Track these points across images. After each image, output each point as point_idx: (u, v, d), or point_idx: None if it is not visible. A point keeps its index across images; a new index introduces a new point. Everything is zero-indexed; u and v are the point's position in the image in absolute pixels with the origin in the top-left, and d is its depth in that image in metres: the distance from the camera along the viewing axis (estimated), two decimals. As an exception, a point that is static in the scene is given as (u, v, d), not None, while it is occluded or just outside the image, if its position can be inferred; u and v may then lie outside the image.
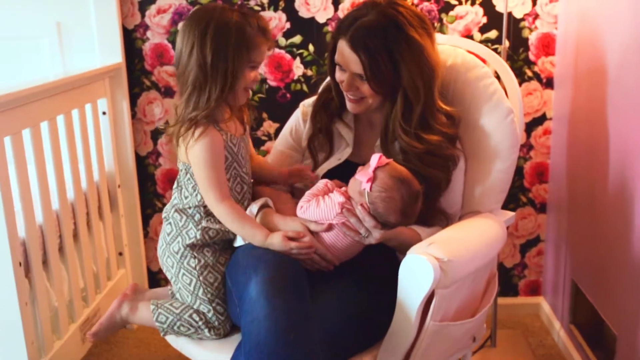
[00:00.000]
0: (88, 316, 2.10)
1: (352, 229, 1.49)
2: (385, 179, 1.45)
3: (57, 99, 1.95)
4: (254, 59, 1.50)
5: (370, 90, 1.56)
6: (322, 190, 1.57)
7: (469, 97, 1.72)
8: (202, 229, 1.54)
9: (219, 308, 1.54)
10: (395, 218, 1.46)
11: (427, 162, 1.58)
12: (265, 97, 2.40)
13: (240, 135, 1.57)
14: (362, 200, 1.48)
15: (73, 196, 2.05)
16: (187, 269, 1.55)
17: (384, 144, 1.63)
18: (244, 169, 1.59)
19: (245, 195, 1.60)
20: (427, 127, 1.59)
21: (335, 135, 1.73)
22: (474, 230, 1.59)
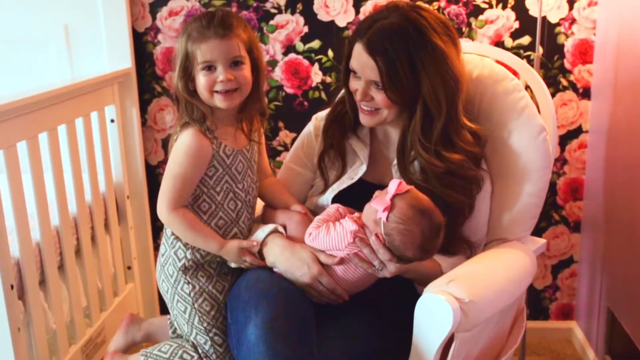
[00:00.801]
0: (91, 336, 2.00)
1: (364, 260, 1.36)
2: (404, 209, 1.31)
3: (60, 107, 1.85)
4: (200, 57, 1.36)
5: (386, 100, 1.43)
6: (333, 216, 1.43)
7: (496, 112, 1.57)
8: (192, 248, 1.43)
9: (216, 339, 1.43)
10: (413, 253, 1.32)
11: (448, 183, 1.44)
12: (281, 105, 2.28)
13: (240, 148, 1.45)
14: (377, 229, 1.34)
15: (76, 210, 1.94)
16: (181, 296, 1.45)
17: (402, 160, 1.49)
18: (240, 184, 1.46)
19: (242, 214, 1.47)
20: (449, 144, 1.45)
21: (349, 151, 1.60)
22: (500, 264, 1.43)
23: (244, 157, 1.46)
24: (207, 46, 1.36)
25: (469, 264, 1.40)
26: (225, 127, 1.44)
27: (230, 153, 1.43)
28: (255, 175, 1.52)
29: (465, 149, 1.45)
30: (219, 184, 1.43)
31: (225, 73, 1.36)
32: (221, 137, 1.42)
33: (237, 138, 1.46)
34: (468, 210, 1.49)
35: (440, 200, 1.40)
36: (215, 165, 1.42)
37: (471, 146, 1.47)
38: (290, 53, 2.23)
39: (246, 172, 1.47)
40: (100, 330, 2.07)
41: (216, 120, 1.43)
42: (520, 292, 1.45)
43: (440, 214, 1.33)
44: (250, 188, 1.49)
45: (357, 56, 1.43)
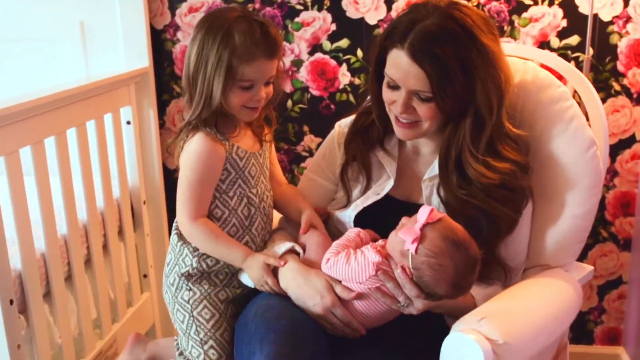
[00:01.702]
0: (101, 349, 1.90)
1: (388, 295, 1.22)
2: (436, 241, 1.17)
3: (70, 109, 1.75)
4: (243, 75, 1.28)
5: (432, 111, 1.28)
6: (354, 242, 1.29)
7: (540, 123, 1.40)
8: (199, 256, 1.36)
9: (211, 353, 1.31)
10: (444, 290, 1.17)
11: (497, 196, 1.30)
12: (306, 108, 2.15)
13: (254, 151, 1.38)
14: (404, 262, 1.20)
15: (86, 217, 1.84)
16: (180, 304, 1.38)
17: (444, 173, 1.34)
18: (255, 189, 1.38)
19: (255, 221, 1.38)
20: (495, 153, 1.31)
21: (374, 164, 1.45)
22: (540, 297, 1.27)
23: (257, 160, 1.39)
24: (255, 67, 1.29)
25: (504, 298, 1.24)
26: (237, 130, 1.37)
27: (243, 155, 1.36)
28: (268, 182, 1.44)
29: (510, 157, 1.31)
30: (232, 188, 1.35)
31: (261, 92, 1.32)
32: (233, 139, 1.35)
33: (250, 141, 1.40)
34: (511, 225, 1.34)
35: (484, 215, 1.28)
36: (228, 168, 1.34)
37: (517, 154, 1.33)
38: (316, 52, 2.09)
39: (259, 176, 1.40)
40: (112, 343, 1.97)
41: (228, 122, 1.36)
42: (562, 330, 1.29)
43: (476, 247, 1.18)
44: (265, 194, 1.41)
45: (396, 64, 1.28)
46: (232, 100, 1.30)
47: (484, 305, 1.20)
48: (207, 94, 1.28)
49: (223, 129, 1.35)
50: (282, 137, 2.16)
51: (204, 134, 1.31)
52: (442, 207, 1.35)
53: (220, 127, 1.35)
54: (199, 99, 1.29)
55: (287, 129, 2.15)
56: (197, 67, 1.29)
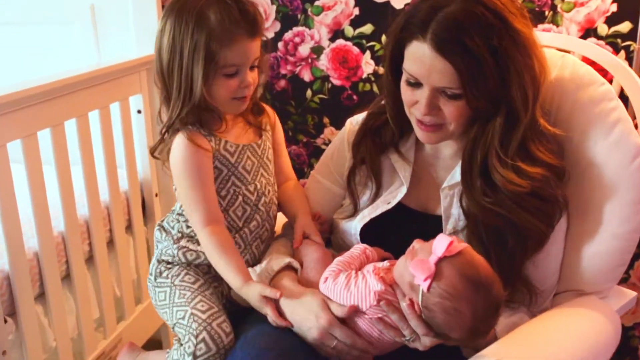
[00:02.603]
0: (104, 350, 1.81)
1: (392, 327, 1.07)
2: (453, 280, 1.00)
3: (74, 98, 1.64)
4: (226, 60, 1.14)
5: (460, 111, 1.12)
6: (358, 260, 1.14)
7: (578, 127, 1.23)
8: (180, 248, 1.27)
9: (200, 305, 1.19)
10: (458, 335, 1.02)
11: (527, 205, 1.14)
12: (327, 99, 2.00)
13: (249, 142, 1.26)
14: (412, 295, 1.04)
15: (88, 212, 1.74)
16: (160, 285, 1.27)
17: (467, 179, 1.18)
18: (252, 185, 1.25)
19: (251, 220, 1.26)
20: (527, 155, 1.15)
21: (386, 169, 1.30)
22: (569, 336, 1.11)
23: (254, 153, 1.27)
24: (238, 48, 1.15)
25: (526, 333, 1.08)
26: (223, 123, 1.23)
27: (234, 150, 1.24)
28: (271, 175, 1.31)
29: (545, 161, 1.15)
30: (224, 187, 1.24)
31: (248, 77, 1.19)
32: (220, 133, 1.23)
33: (242, 132, 1.28)
34: (542, 240, 1.18)
35: (511, 226, 1.13)
36: (218, 166, 1.23)
37: (552, 157, 1.16)
38: (338, 39, 1.94)
39: (258, 170, 1.27)
40: (117, 343, 1.88)
41: (213, 117, 1.23)
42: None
43: (500, 286, 1.02)
44: (266, 189, 1.28)
45: (417, 58, 1.11)
46: (217, 92, 1.17)
47: (504, 341, 1.05)
48: (186, 88, 1.15)
49: (208, 124, 1.22)
50: (300, 129, 2.03)
51: (183, 135, 1.19)
52: (462, 218, 1.19)
53: (205, 123, 1.22)
54: (177, 95, 1.16)
55: (306, 121, 2.02)
56: (171, 59, 1.15)
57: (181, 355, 1.17)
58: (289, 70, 1.99)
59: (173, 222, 1.30)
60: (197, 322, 1.16)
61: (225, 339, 1.15)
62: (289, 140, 2.02)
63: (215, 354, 1.15)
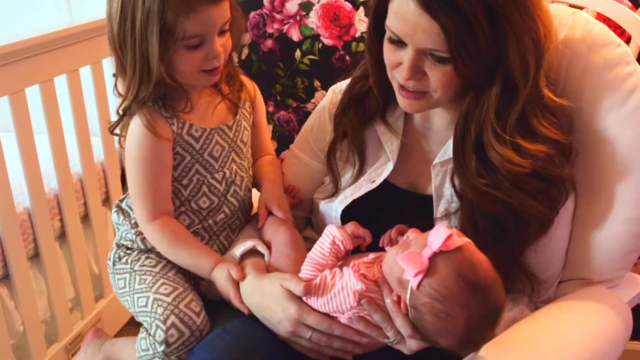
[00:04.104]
0: (81, 330, 1.72)
1: (374, 326, 0.95)
2: (447, 280, 0.86)
3: (41, 61, 1.52)
4: (185, 32, 0.99)
5: (447, 78, 0.98)
6: (330, 257, 1.00)
7: (589, 94, 1.07)
8: (138, 234, 1.15)
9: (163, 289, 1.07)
10: (447, 343, 0.89)
11: (528, 188, 1.00)
12: (317, 60, 1.85)
13: (218, 125, 1.12)
14: (400, 291, 0.92)
15: (57, 186, 1.63)
16: (119, 271, 1.15)
17: (459, 158, 1.04)
18: (220, 173, 1.13)
19: (218, 212, 1.14)
20: (528, 130, 1.00)
21: (371, 142, 1.16)
22: (574, 339, 0.97)
23: (224, 136, 1.13)
24: (199, 17, 0.99)
25: (526, 336, 0.95)
26: (188, 103, 1.08)
27: (199, 134, 1.10)
28: (245, 159, 1.17)
29: (549, 136, 1.00)
30: (186, 176, 1.11)
31: (216, 46, 1.03)
32: (185, 115, 1.09)
33: (213, 113, 1.13)
34: (545, 225, 1.05)
35: (510, 211, 1.00)
36: (180, 152, 1.09)
37: (558, 132, 1.02)
38: (328, -6, 1.77)
39: (228, 156, 1.14)
40: (96, 322, 1.79)
41: (179, 94, 1.08)
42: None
43: (501, 290, 0.88)
44: (236, 176, 1.15)
45: (401, 14, 0.96)
46: (181, 66, 1.03)
47: (500, 342, 0.93)
48: (142, 64, 1.00)
49: (172, 101, 1.08)
50: (290, 94, 1.89)
51: (141, 117, 1.05)
52: (455, 199, 1.06)
53: (169, 100, 1.08)
54: (132, 72, 1.02)
55: (296, 84, 1.87)
56: (122, 30, 1.00)
57: (151, 345, 1.05)
58: (275, 29, 1.84)
59: (130, 204, 1.17)
60: (162, 307, 1.04)
61: (197, 319, 1.04)
62: (277, 105, 1.89)
63: (189, 337, 1.03)
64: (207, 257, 1.08)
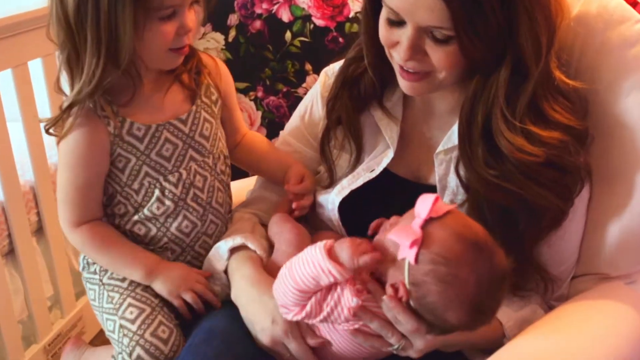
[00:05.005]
0: (61, 331, 1.65)
1: (373, 336, 0.89)
2: (448, 241, 0.82)
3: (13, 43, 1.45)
4: (162, 1, 0.92)
5: (452, 58, 0.91)
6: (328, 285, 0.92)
7: (606, 75, 1.01)
8: None
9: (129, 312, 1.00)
10: (457, 316, 0.82)
11: (541, 178, 0.94)
12: (309, 42, 1.82)
13: (167, 120, 1.02)
14: (397, 277, 0.85)
15: (33, 177, 1.54)
16: (90, 280, 1.08)
17: (465, 146, 0.97)
18: (175, 175, 1.02)
19: (175, 218, 1.04)
20: (540, 116, 0.94)
21: (368, 128, 1.09)
22: (592, 336, 0.90)
23: (176, 132, 1.02)
24: None
25: (542, 335, 0.89)
26: (131, 95, 0.99)
27: (143, 133, 1.00)
28: (211, 157, 1.07)
29: (562, 122, 0.94)
30: (135, 179, 1.02)
31: (188, 20, 0.97)
32: (126, 110, 0.99)
33: (163, 104, 1.02)
34: (558, 218, 0.98)
35: (522, 204, 0.95)
36: (123, 154, 1.00)
37: (572, 117, 0.95)
38: (319, -29, 1.75)
39: (184, 154, 1.03)
40: (76, 321, 1.73)
41: (124, 85, 0.98)
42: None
43: (504, 254, 0.83)
44: (197, 179, 1.05)
45: None
46: (150, 43, 0.94)
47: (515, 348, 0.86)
48: (108, 44, 0.91)
49: (115, 94, 0.98)
50: (280, 78, 1.86)
51: (75, 121, 0.97)
52: (461, 190, 1.00)
53: (109, 95, 0.98)
54: (94, 55, 0.91)
55: (286, 68, 1.87)
56: (81, 3, 0.90)
57: None
58: (264, 9, 1.81)
59: None
60: (128, 337, 0.98)
61: (164, 347, 0.97)
62: (266, 90, 1.87)
63: None
64: (138, 262, 1.01)
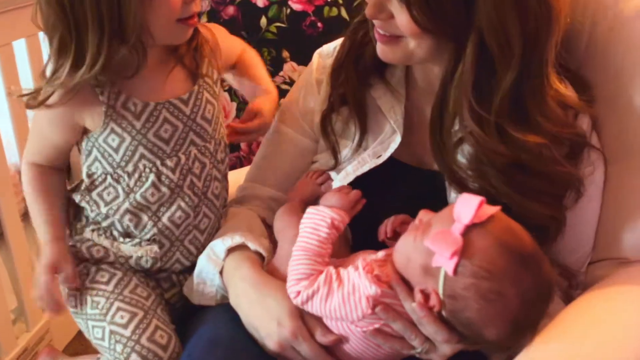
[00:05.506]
0: (27, 345, 1.54)
1: (394, 337, 0.82)
2: (492, 253, 0.75)
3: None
4: None
5: (412, 25, 0.84)
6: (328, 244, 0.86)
7: (620, 51, 0.97)
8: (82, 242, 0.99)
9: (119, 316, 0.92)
10: (497, 333, 0.76)
11: (516, 183, 0.89)
12: (285, 28, 1.79)
13: (168, 98, 0.94)
14: (428, 284, 0.78)
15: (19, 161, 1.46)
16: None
17: (436, 136, 0.93)
18: (172, 159, 0.95)
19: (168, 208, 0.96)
20: (522, 117, 0.87)
21: (371, 110, 1.02)
22: (618, 331, 0.84)
23: (176, 113, 0.95)
24: None
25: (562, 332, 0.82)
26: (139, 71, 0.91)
27: (139, 110, 0.92)
28: (213, 142, 1.00)
29: (547, 128, 0.87)
30: (130, 161, 0.94)
31: None
32: (123, 85, 0.92)
33: (163, 85, 0.95)
34: (555, 228, 0.93)
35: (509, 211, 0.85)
36: (117, 131, 0.92)
37: (561, 125, 0.89)
38: (295, -49, 1.69)
39: (185, 138, 0.96)
40: (44, 334, 1.61)
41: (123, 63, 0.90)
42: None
43: (549, 264, 0.78)
44: (196, 165, 0.97)
45: None
46: (158, 12, 0.87)
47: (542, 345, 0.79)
48: (112, 18, 0.83)
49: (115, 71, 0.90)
50: None
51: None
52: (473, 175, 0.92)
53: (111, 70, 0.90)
54: (97, 32, 0.83)
55: (262, 55, 1.73)
56: None
57: None
58: None
59: (77, 197, 0.99)
60: (122, 343, 0.90)
61: (163, 355, 0.91)
62: None
63: None
64: (48, 226, 0.97)
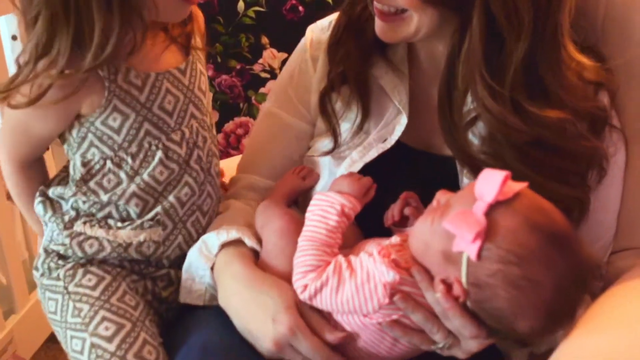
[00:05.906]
0: (-11, 356, 1.41)
1: (414, 331, 0.74)
2: (520, 234, 0.67)
3: None
4: None
5: None
6: (341, 232, 0.79)
7: (638, 23, 0.91)
8: (72, 236, 0.90)
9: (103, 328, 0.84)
10: (529, 324, 0.69)
11: (536, 162, 0.83)
12: (264, 12, 1.72)
13: (167, 68, 0.89)
14: (449, 272, 0.70)
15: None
16: (50, 288, 0.91)
17: (445, 113, 0.87)
18: (177, 134, 0.89)
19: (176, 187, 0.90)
20: (539, 91, 0.82)
21: (375, 89, 0.95)
22: None
23: (177, 83, 0.90)
24: None
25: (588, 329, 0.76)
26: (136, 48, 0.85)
27: (142, 81, 0.86)
28: (208, 115, 0.95)
29: (567, 102, 0.82)
30: (134, 140, 0.87)
31: None
32: (122, 56, 0.84)
33: (159, 58, 0.89)
34: (580, 210, 0.87)
35: None
36: (120, 108, 0.85)
37: (581, 98, 0.83)
38: None
39: (186, 110, 0.90)
40: (7, 344, 1.50)
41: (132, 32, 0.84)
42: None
43: (585, 244, 0.71)
44: (200, 138, 0.92)
45: None
46: None
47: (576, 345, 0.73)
48: None
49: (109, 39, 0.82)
50: (232, 54, 1.74)
51: None
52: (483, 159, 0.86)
53: None
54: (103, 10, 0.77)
55: (240, 42, 1.77)
56: None
57: None
58: None
59: (66, 190, 0.90)
60: (104, 359, 0.81)
61: None
62: (218, 68, 1.77)
63: None
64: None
